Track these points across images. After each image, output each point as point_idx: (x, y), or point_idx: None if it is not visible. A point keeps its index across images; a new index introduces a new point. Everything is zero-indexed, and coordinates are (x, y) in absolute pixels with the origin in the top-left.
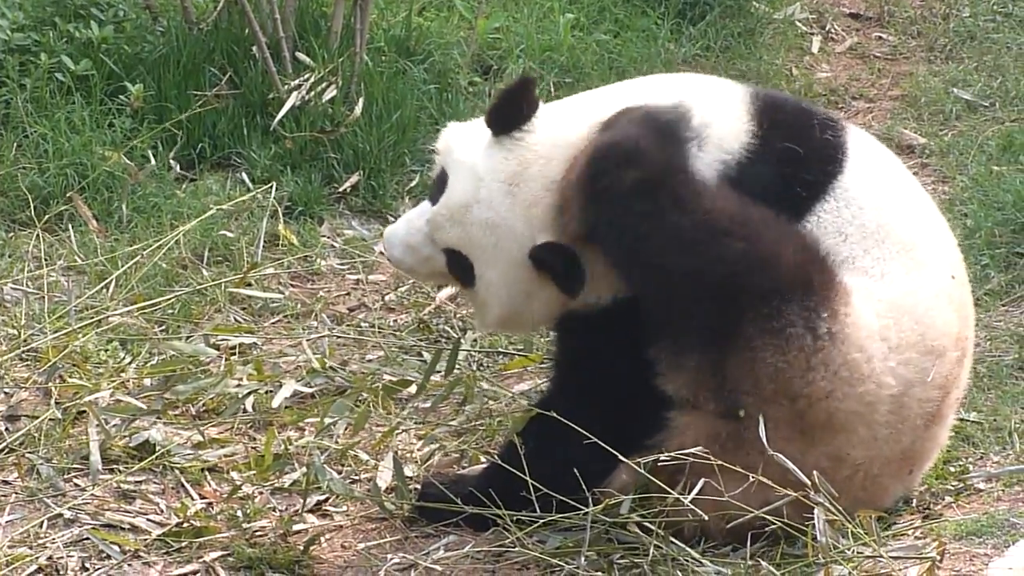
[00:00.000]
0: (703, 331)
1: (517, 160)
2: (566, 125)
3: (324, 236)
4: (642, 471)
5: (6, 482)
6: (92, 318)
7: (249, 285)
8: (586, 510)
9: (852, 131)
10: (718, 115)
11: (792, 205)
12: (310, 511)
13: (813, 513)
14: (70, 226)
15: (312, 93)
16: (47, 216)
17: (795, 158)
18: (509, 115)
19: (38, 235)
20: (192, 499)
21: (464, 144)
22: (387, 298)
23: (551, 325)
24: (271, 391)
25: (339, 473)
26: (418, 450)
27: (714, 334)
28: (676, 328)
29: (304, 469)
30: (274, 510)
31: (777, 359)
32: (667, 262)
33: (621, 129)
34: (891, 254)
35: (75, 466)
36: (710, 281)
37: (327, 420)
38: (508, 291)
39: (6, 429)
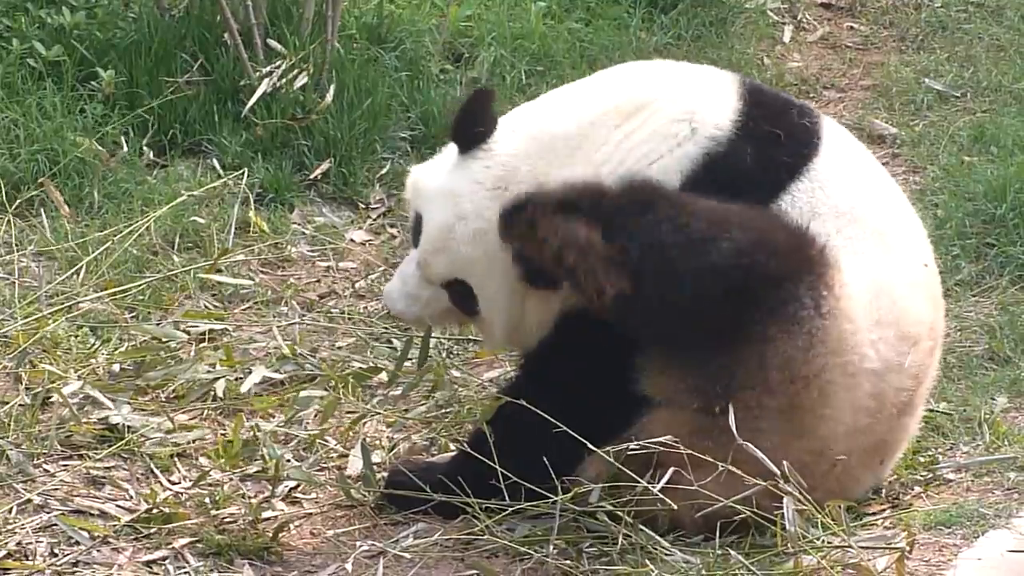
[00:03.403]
0: (722, 330)
1: (501, 165)
2: (545, 119)
3: (295, 223)
4: (611, 460)
5: None
6: (62, 304)
7: (219, 271)
8: (555, 498)
9: (826, 120)
10: (711, 98)
11: (769, 185)
12: (280, 498)
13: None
14: (41, 211)
15: (283, 80)
16: (18, 201)
17: (775, 140)
18: (475, 127)
19: (9, 220)
20: (161, 485)
21: (429, 179)
22: (357, 285)
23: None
24: (241, 378)
25: (308, 460)
26: (387, 438)
27: (733, 331)
28: (690, 333)
29: (266, 456)
30: (243, 497)
31: (788, 345)
32: (679, 265)
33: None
34: (864, 235)
35: (44, 452)
36: (726, 275)
37: (296, 408)
38: (507, 299)
39: None
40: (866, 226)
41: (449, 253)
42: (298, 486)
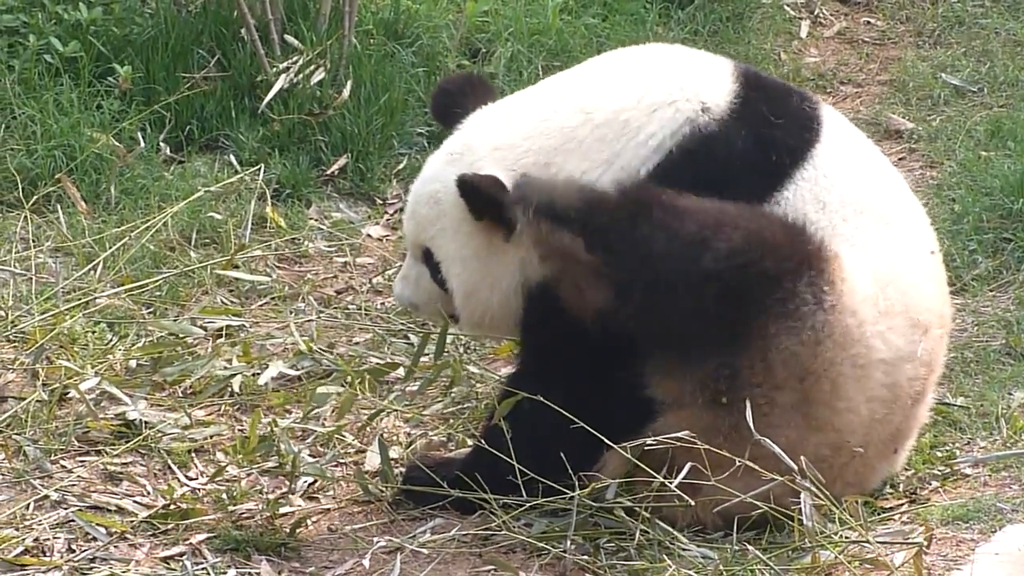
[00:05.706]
0: (720, 332)
1: (461, 136)
2: (520, 102)
3: (312, 218)
4: (629, 455)
5: None
6: (79, 300)
7: (236, 267)
8: (572, 494)
9: (826, 107)
10: (704, 78)
11: (769, 169)
12: (297, 494)
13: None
14: (58, 207)
15: (300, 75)
16: (35, 197)
17: (774, 122)
18: (449, 107)
19: (26, 216)
20: (178, 481)
21: None
22: (374, 281)
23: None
24: (258, 373)
25: (325, 456)
26: (405, 434)
27: (732, 332)
28: (687, 336)
29: (283, 451)
30: (260, 493)
31: (792, 342)
32: (678, 268)
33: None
34: (871, 224)
35: (62, 448)
36: (724, 276)
37: (313, 404)
38: (462, 260)
39: None
40: (872, 215)
41: (415, 217)
42: (315, 482)
